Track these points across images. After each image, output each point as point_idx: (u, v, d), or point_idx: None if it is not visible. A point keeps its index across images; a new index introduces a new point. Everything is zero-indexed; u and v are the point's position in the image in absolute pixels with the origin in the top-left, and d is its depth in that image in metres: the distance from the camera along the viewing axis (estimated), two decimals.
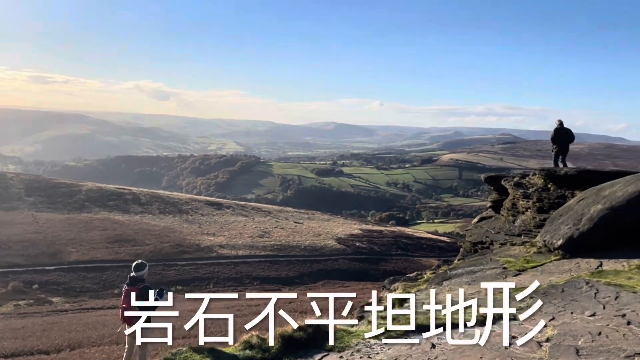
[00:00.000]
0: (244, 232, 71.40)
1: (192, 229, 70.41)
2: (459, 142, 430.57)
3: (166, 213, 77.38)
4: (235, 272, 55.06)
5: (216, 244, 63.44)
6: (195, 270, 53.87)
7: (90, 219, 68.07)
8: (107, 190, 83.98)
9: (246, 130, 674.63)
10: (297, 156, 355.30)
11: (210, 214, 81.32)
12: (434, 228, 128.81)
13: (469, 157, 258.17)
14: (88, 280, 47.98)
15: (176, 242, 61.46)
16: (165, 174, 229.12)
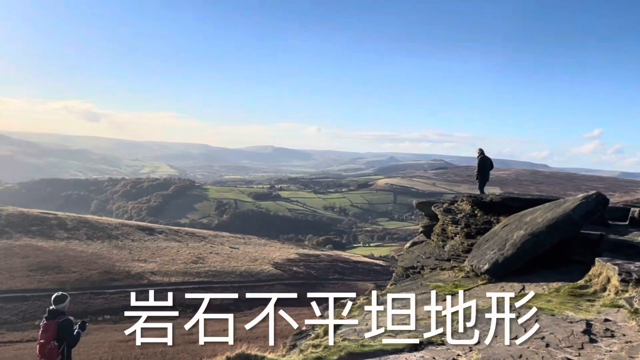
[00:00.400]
0: (177, 258, 69.48)
1: (122, 255, 67.77)
2: (394, 167, 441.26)
3: (94, 239, 74.12)
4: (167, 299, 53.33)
5: (147, 271, 61.31)
6: (125, 298, 51.53)
7: (10, 245, 64.12)
8: (29, 215, 79.50)
9: (181, 153, 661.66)
10: (234, 180, 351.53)
11: (141, 239, 78.61)
12: (370, 252, 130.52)
13: (404, 182, 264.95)
14: (6, 311, 44.97)
15: (104, 269, 58.91)
16: (94, 197, 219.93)
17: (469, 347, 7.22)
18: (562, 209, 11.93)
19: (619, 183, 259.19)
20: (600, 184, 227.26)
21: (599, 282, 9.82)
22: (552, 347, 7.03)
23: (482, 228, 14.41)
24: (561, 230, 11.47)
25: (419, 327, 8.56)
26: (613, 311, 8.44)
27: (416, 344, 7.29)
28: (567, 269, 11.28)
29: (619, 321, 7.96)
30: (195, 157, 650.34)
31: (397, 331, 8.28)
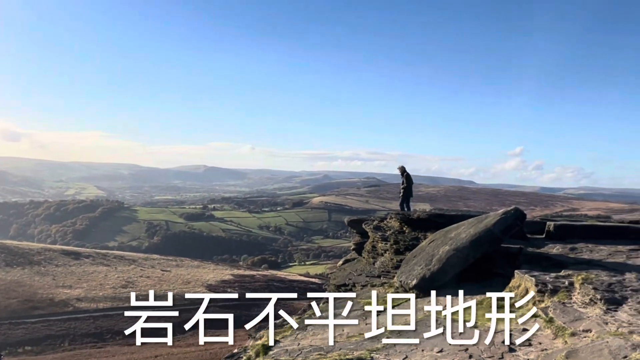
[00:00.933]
0: (105, 282, 66.68)
1: (45, 281, 64.24)
2: (328, 186, 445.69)
3: (14, 265, 69.84)
4: (94, 327, 50.95)
5: (73, 297, 58.42)
6: (48, 327, 48.96)
7: None
8: None
9: (109, 174, 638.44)
10: (165, 200, 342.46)
11: (66, 264, 74.89)
12: (306, 270, 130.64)
13: (338, 200, 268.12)
14: None
15: (25, 297, 55.59)
16: (13, 221, 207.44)
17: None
18: (483, 224, 12.52)
19: (540, 198, 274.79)
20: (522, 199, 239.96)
21: (519, 294, 10.33)
22: (474, 357, 7.32)
23: (410, 244, 14.85)
24: (483, 244, 12.02)
25: (350, 344, 8.69)
26: (531, 321, 8.90)
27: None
28: (490, 282, 11.79)
29: (536, 330, 8.42)
30: (125, 177, 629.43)
31: (328, 349, 8.36)
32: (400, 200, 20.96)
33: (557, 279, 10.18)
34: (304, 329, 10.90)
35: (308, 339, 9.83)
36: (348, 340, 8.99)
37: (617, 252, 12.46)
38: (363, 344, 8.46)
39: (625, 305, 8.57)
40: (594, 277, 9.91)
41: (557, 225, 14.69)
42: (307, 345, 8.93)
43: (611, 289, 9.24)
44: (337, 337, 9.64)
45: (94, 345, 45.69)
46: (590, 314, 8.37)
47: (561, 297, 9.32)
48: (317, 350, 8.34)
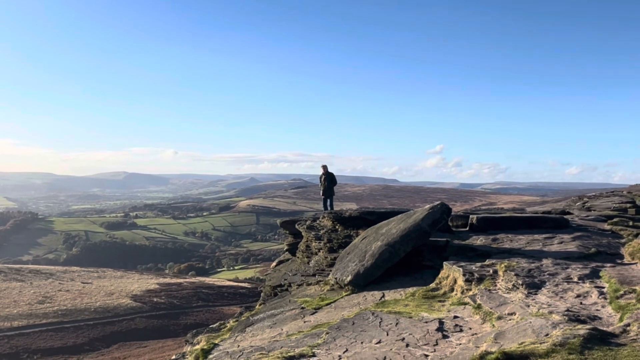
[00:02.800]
0: (20, 299, 62.68)
1: None
2: (255, 189, 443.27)
3: None
4: (9, 346, 47.77)
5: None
6: None
7: None
8: None
9: (20, 184, 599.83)
10: (83, 210, 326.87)
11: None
12: (235, 275, 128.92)
13: (265, 202, 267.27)
14: None
15: None
16: None
17: (339, 355, 7.57)
18: (412, 219, 13.02)
19: (459, 193, 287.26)
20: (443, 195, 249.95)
21: (448, 284, 10.86)
22: (411, 346, 7.63)
23: (343, 242, 15.16)
24: (413, 239, 12.50)
25: (290, 341, 8.77)
26: (460, 308, 9.38)
27: (289, 359, 7.46)
28: (421, 274, 12.30)
29: (465, 317, 8.89)
30: (38, 187, 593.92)
31: (269, 348, 8.40)
32: (322, 200, 21.24)
33: (482, 268, 10.80)
34: (242, 331, 10.87)
35: (247, 340, 9.82)
36: (288, 338, 9.07)
37: (534, 241, 13.36)
38: (304, 341, 8.58)
39: (544, 288, 9.24)
40: (515, 264, 10.60)
41: (480, 218, 15.51)
42: (247, 347, 8.92)
43: (531, 274, 9.93)
44: (277, 336, 9.71)
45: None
46: (514, 298, 8.95)
47: (487, 284, 9.90)
48: (259, 350, 8.36)
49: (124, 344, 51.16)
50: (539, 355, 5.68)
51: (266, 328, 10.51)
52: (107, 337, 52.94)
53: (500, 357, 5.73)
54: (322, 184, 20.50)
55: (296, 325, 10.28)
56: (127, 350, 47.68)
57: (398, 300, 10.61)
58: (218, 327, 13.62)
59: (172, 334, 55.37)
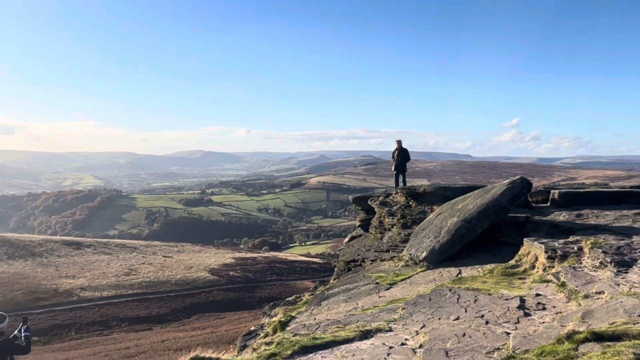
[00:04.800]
0: (108, 271, 66.81)
1: (48, 272, 64.27)
2: (325, 166, 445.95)
3: (16, 257, 69.86)
4: (100, 315, 51.12)
5: (77, 287, 58.51)
6: (54, 317, 49.05)
7: None
8: None
9: (105, 163, 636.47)
10: (163, 187, 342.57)
11: (68, 254, 74.96)
12: (307, 250, 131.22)
13: (335, 179, 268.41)
14: None
15: (30, 288, 55.62)
16: (13, 214, 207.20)
17: (416, 331, 7.52)
18: (490, 194, 12.61)
19: (537, 168, 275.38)
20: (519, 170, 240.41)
21: (528, 261, 10.48)
22: (491, 323, 7.45)
23: (417, 218, 14.96)
24: (491, 214, 12.12)
25: (366, 316, 8.82)
26: (543, 286, 9.04)
27: (366, 332, 7.50)
28: (499, 251, 11.94)
29: (548, 295, 8.56)
30: (121, 166, 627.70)
31: (345, 322, 8.49)
32: (394, 176, 20.85)
33: (565, 244, 10.31)
34: (317, 304, 11.04)
35: (323, 313, 9.97)
36: (364, 312, 9.12)
37: (623, 217, 12.59)
38: (379, 316, 8.60)
39: (635, 266, 8.70)
40: (602, 241, 10.04)
41: (562, 193, 14.78)
42: (323, 320, 9.06)
43: (620, 252, 9.37)
44: (352, 310, 9.79)
45: (100, 332, 45.88)
46: (602, 276, 8.50)
47: (571, 262, 9.45)
48: (335, 323, 8.47)
49: (203, 314, 53.42)
50: (633, 336, 5.36)
51: (341, 302, 10.62)
52: (187, 308, 55.43)
53: (589, 337, 5.45)
54: (394, 160, 20.11)
55: (371, 300, 10.31)
56: (206, 320, 49.75)
57: (475, 277, 10.37)
58: (294, 301, 13.93)
59: (247, 306, 57.24)
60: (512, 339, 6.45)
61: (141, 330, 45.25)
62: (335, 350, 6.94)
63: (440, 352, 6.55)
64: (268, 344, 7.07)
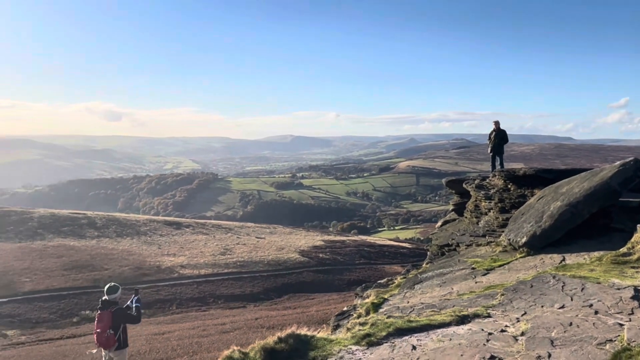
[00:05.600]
0: (205, 250, 70.17)
1: (152, 250, 68.66)
2: (415, 149, 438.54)
3: (124, 236, 75.31)
4: (198, 291, 53.83)
5: (177, 265, 62.01)
6: (157, 292, 52.31)
7: (44, 246, 65.53)
8: (60, 216, 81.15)
9: (202, 147, 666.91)
10: (256, 171, 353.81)
11: (169, 234, 79.66)
12: (395, 235, 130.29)
13: (425, 163, 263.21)
14: (45, 310, 45.83)
15: (135, 265, 59.73)
16: (120, 195, 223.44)
17: (516, 318, 7.17)
18: (599, 177, 11.72)
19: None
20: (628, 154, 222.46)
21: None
22: (601, 313, 6.94)
23: (516, 202, 14.24)
24: (599, 198, 11.27)
25: (462, 301, 8.55)
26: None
27: (462, 318, 7.26)
28: (608, 238, 11.10)
29: None
30: (217, 150, 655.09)
31: (441, 306, 8.27)
32: (491, 158, 19.87)
33: None
34: (410, 288, 10.88)
35: (417, 297, 9.79)
36: (460, 297, 8.85)
37: None
38: (477, 301, 8.29)
39: None
40: None
41: None
42: (417, 303, 8.89)
43: None
44: (447, 295, 9.53)
45: (199, 308, 48.22)
46: None
47: None
48: (430, 307, 8.28)
49: (294, 295, 54.66)
50: None
51: (435, 286, 10.38)
52: (279, 287, 56.97)
53: None
54: (491, 141, 19.15)
55: (467, 285, 9.98)
56: (296, 301, 50.88)
57: (582, 264, 9.71)
58: (386, 283, 13.84)
59: (336, 288, 57.84)
60: (626, 331, 5.96)
61: (236, 307, 47.07)
62: (431, 334, 6.78)
63: (545, 340, 6.20)
64: (362, 324, 7.05)
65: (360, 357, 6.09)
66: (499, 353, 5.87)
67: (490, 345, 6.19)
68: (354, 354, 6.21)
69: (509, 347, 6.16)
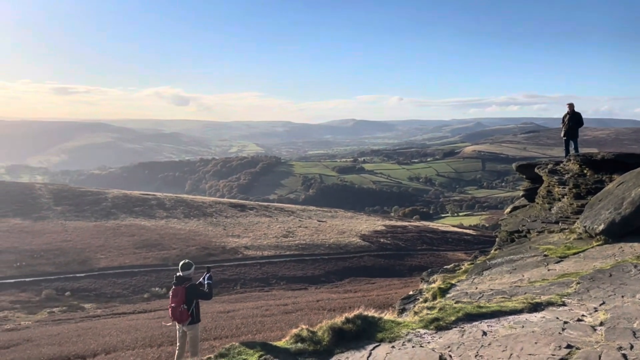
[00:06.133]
0: (268, 232, 71.58)
1: (217, 231, 70.77)
2: (481, 134, 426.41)
3: (191, 217, 78.04)
4: (261, 272, 55.10)
5: (241, 245, 63.65)
6: (222, 272, 53.98)
7: (118, 225, 68.99)
8: (132, 197, 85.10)
9: (265, 132, 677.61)
10: (317, 155, 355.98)
11: (234, 215, 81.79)
12: (459, 221, 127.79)
13: (492, 148, 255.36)
14: (118, 285, 48.45)
15: (202, 245, 61.82)
16: (188, 178, 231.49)
17: (594, 307, 6.84)
18: None
19: None
20: None
21: None
22: None
23: (592, 188, 13.53)
24: None
25: (534, 288, 8.25)
26: None
27: (535, 305, 7.00)
28: None
29: None
30: (280, 134, 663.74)
31: (511, 293, 8.02)
32: (564, 142, 18.83)
33: None
34: (479, 274, 10.61)
35: (486, 283, 9.54)
36: (531, 285, 8.53)
37: None
38: (550, 289, 7.97)
39: None
40: None
41: None
42: (486, 289, 8.66)
43: None
44: (518, 282, 9.23)
45: (262, 288, 49.31)
46: None
47: None
48: (500, 293, 8.04)
49: (355, 278, 54.87)
50: None
51: (505, 273, 10.07)
52: (340, 271, 57.36)
53: None
54: (564, 125, 18.20)
55: (539, 272, 9.62)
56: (357, 284, 51.04)
57: None
58: (452, 269, 13.60)
59: (397, 273, 57.55)
60: None
61: (297, 289, 47.79)
62: (502, 321, 6.59)
63: (627, 331, 5.87)
64: (430, 308, 6.94)
65: (429, 341, 6.00)
66: (576, 342, 5.61)
67: (567, 334, 5.94)
68: (422, 337, 6.12)
69: (586, 337, 5.88)
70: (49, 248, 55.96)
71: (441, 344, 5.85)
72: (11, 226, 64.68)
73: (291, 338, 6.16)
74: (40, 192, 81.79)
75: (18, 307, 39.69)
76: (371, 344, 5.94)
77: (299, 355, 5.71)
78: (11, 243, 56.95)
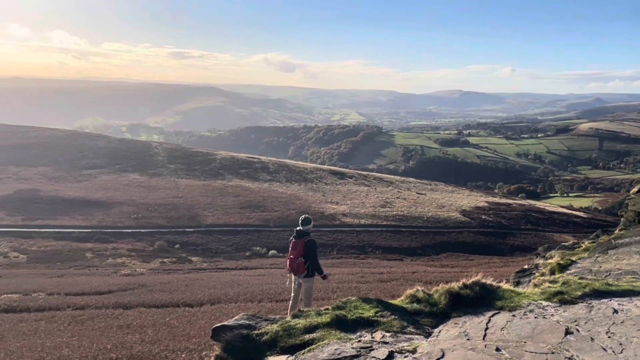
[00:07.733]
0: (366, 201, 71.75)
1: (317, 197, 72.14)
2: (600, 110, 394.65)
3: (292, 181, 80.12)
4: (357, 240, 55.54)
5: (339, 212, 64.42)
6: (320, 237, 55.01)
7: (224, 185, 72.50)
8: (238, 159, 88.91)
9: (369, 101, 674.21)
10: (420, 126, 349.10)
11: (333, 183, 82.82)
12: (569, 202, 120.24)
13: (612, 126, 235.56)
14: (223, 242, 51.09)
15: (301, 209, 63.28)
16: (291, 143, 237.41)
17: None
18: None
19: None
20: None
21: None
22: None
23: None
24: None
25: None
26: None
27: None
28: None
29: None
30: (383, 104, 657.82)
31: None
32: None
33: None
34: (603, 252, 9.88)
35: (611, 262, 8.85)
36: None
37: None
38: None
39: None
40: None
41: None
42: (613, 268, 8.02)
43: None
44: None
45: (357, 256, 49.70)
46: None
47: None
48: (630, 273, 7.41)
49: (452, 254, 53.68)
50: None
51: (634, 254, 9.27)
52: (437, 245, 56.35)
53: None
54: None
55: None
56: (454, 260, 49.92)
57: None
58: (571, 246, 12.80)
59: (497, 252, 55.51)
60: None
61: (393, 259, 47.67)
62: (635, 300, 6.06)
63: None
64: (552, 282, 6.55)
65: (552, 313, 5.66)
66: None
67: None
68: (545, 309, 5.79)
69: None
70: (162, 203, 60.24)
71: (566, 318, 5.50)
72: (130, 180, 70.30)
73: (406, 298, 6.11)
74: (156, 150, 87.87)
75: (134, 255, 43.36)
76: (489, 311, 5.72)
77: (416, 315, 5.64)
78: (130, 196, 61.97)
